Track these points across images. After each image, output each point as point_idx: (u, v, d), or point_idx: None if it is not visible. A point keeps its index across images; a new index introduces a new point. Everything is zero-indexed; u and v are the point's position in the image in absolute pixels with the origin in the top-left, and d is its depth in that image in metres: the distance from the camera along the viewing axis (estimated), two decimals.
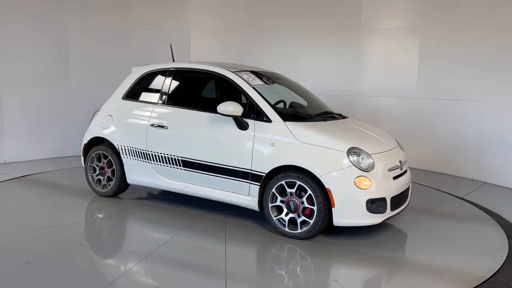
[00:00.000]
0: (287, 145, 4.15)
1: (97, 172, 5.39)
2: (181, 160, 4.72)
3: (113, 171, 5.26)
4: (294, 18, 8.24)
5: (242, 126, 4.35)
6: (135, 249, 3.91)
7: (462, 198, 5.65)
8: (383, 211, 4.01)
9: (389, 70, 7.71)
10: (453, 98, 7.00)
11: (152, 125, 4.90)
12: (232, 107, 4.29)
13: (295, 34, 8.24)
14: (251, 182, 4.31)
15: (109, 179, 5.32)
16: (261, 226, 4.45)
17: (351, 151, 4.01)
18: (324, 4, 8.05)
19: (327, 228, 4.08)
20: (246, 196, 4.39)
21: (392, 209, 4.12)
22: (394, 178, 4.22)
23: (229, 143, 4.45)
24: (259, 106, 4.35)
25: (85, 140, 5.49)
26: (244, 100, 4.72)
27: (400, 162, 4.40)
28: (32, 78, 7.13)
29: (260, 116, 4.33)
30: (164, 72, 5.12)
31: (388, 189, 4.07)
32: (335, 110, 5.07)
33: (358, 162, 3.97)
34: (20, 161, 7.04)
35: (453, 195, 5.77)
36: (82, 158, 5.55)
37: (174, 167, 4.79)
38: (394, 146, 4.56)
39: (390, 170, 4.18)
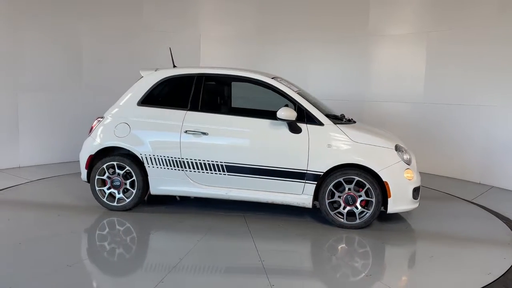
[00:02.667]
0: (344, 146, 4.59)
1: (109, 185, 4.98)
2: (225, 165, 4.74)
3: (132, 183, 4.94)
4: (302, 25, 8.40)
5: (296, 130, 4.63)
6: (246, 263, 3.78)
7: (470, 201, 5.83)
8: (417, 197, 4.79)
9: (397, 75, 7.82)
10: (460, 103, 7.08)
11: (188, 131, 4.79)
12: (289, 113, 4.54)
13: (303, 40, 8.41)
14: (306, 181, 4.64)
15: (124, 191, 4.98)
16: (311, 221, 4.84)
17: (397, 148, 4.68)
18: (332, 10, 8.23)
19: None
20: (299, 195, 4.69)
21: None
22: None
23: (281, 146, 4.68)
24: (308, 111, 4.69)
25: (92, 150, 5.00)
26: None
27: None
28: (46, 83, 7.29)
29: (311, 120, 4.67)
30: (191, 78, 5.00)
31: (419, 179, 4.86)
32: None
33: (402, 157, 4.67)
34: (34, 165, 7.21)
35: (461, 198, 5.94)
36: (85, 171, 5.03)
37: (215, 173, 4.78)
38: None
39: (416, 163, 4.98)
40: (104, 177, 4.99)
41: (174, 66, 5.56)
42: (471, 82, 6.97)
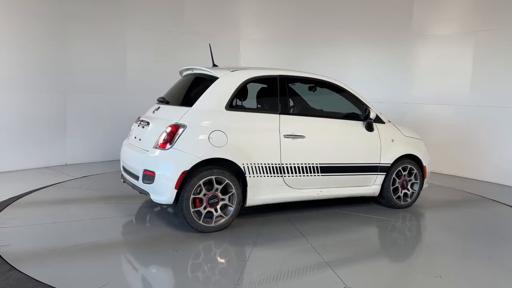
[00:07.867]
0: (401, 140, 5.44)
1: (204, 203, 4.30)
2: (319, 166, 4.86)
3: (229, 197, 4.41)
4: (342, 25, 8.24)
5: (372, 128, 5.19)
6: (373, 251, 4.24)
7: None
8: None
9: (441, 77, 7.54)
10: (508, 105, 6.85)
11: (286, 135, 4.64)
12: (374, 114, 5.09)
13: (343, 41, 8.31)
14: (378, 173, 5.28)
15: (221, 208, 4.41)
16: (375, 204, 5.50)
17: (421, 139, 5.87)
18: (374, 10, 7.96)
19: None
20: (371, 186, 5.29)
21: None
22: None
23: (363, 143, 5.15)
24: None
25: (185, 165, 4.16)
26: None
27: None
28: (92, 85, 7.64)
29: (377, 119, 5.31)
30: (274, 79, 4.77)
31: None
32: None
33: (425, 145, 5.89)
34: (80, 163, 7.58)
35: (506, 205, 5.96)
36: (174, 192, 4.16)
37: (311, 175, 4.82)
38: None
39: None
40: (200, 196, 4.26)
41: (214, 65, 5.12)
42: None
